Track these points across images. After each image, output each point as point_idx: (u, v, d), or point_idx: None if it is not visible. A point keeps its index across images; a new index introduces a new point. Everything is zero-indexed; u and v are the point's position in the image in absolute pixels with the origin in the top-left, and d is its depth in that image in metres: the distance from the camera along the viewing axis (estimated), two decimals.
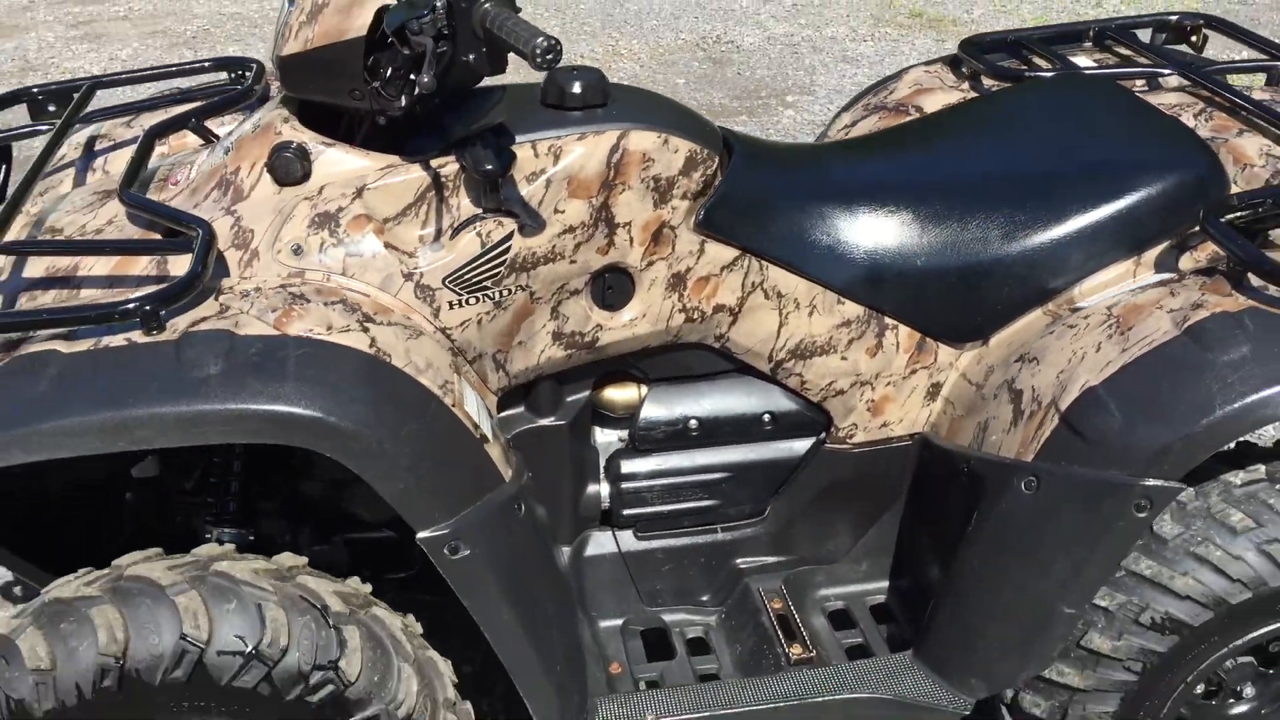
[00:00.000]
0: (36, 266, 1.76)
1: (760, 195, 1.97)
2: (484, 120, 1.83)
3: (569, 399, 2.02)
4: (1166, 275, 1.90)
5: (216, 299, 1.64)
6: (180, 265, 1.66)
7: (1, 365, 1.56)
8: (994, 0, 6.86)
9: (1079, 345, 1.83)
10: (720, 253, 1.93)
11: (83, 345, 1.56)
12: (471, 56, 1.67)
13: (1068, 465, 1.76)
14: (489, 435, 1.73)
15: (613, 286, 1.91)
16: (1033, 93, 2.24)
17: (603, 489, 2.10)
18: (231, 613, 1.61)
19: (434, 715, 1.74)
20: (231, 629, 1.61)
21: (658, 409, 2.06)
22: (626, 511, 2.10)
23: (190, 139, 2.10)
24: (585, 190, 1.82)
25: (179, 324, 1.58)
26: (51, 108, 2.25)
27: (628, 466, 2.09)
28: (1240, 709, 2.05)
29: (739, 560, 2.17)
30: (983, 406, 1.94)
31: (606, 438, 2.11)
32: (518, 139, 1.81)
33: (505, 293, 1.83)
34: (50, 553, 2.04)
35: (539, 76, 1.83)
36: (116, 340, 1.56)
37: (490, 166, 1.74)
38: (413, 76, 1.66)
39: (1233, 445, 1.93)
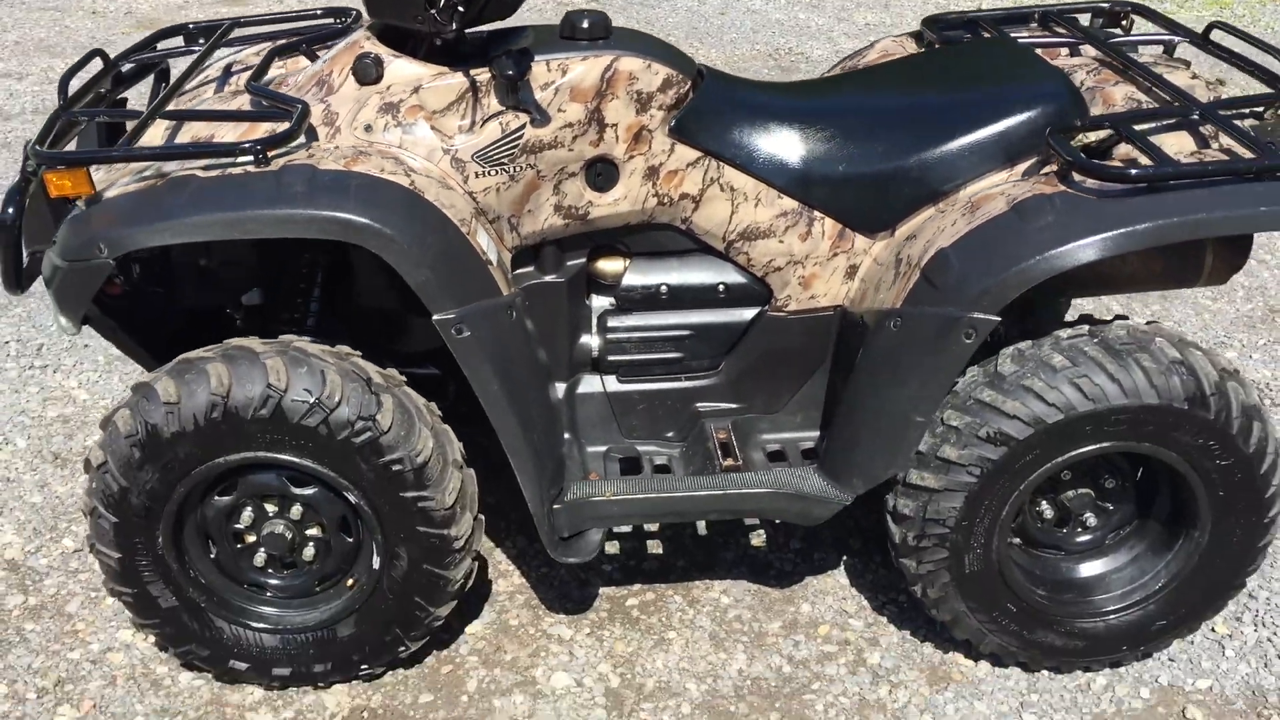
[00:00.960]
0: (185, 134, 2.46)
1: (721, 112, 2.58)
2: (513, 44, 2.49)
3: (568, 263, 2.65)
4: (1023, 177, 2.47)
5: (307, 150, 2.32)
6: None
7: (163, 183, 2.25)
8: None
9: (944, 223, 2.41)
10: (686, 153, 2.54)
11: (213, 172, 2.25)
12: None
13: (921, 307, 2.34)
14: (493, 262, 2.38)
15: (602, 173, 2.53)
16: (948, 50, 2.84)
17: (594, 340, 2.72)
18: (303, 374, 2.28)
19: (444, 469, 2.38)
20: (302, 384, 2.27)
21: (637, 277, 2.68)
22: (611, 359, 2.72)
23: (303, 62, 2.79)
24: (583, 96, 2.46)
25: (279, 161, 2.26)
26: (201, 41, 2.97)
27: (613, 322, 2.70)
28: (1086, 537, 2.59)
29: (698, 404, 2.76)
30: (881, 277, 2.52)
31: (598, 299, 2.73)
32: (536, 57, 2.46)
33: (518, 169, 2.47)
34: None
35: None
36: (236, 170, 2.24)
37: (511, 72, 2.39)
38: (459, 7, 2.32)
39: (1074, 315, 2.49)
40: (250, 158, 2.24)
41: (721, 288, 2.68)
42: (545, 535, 2.48)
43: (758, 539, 3.01)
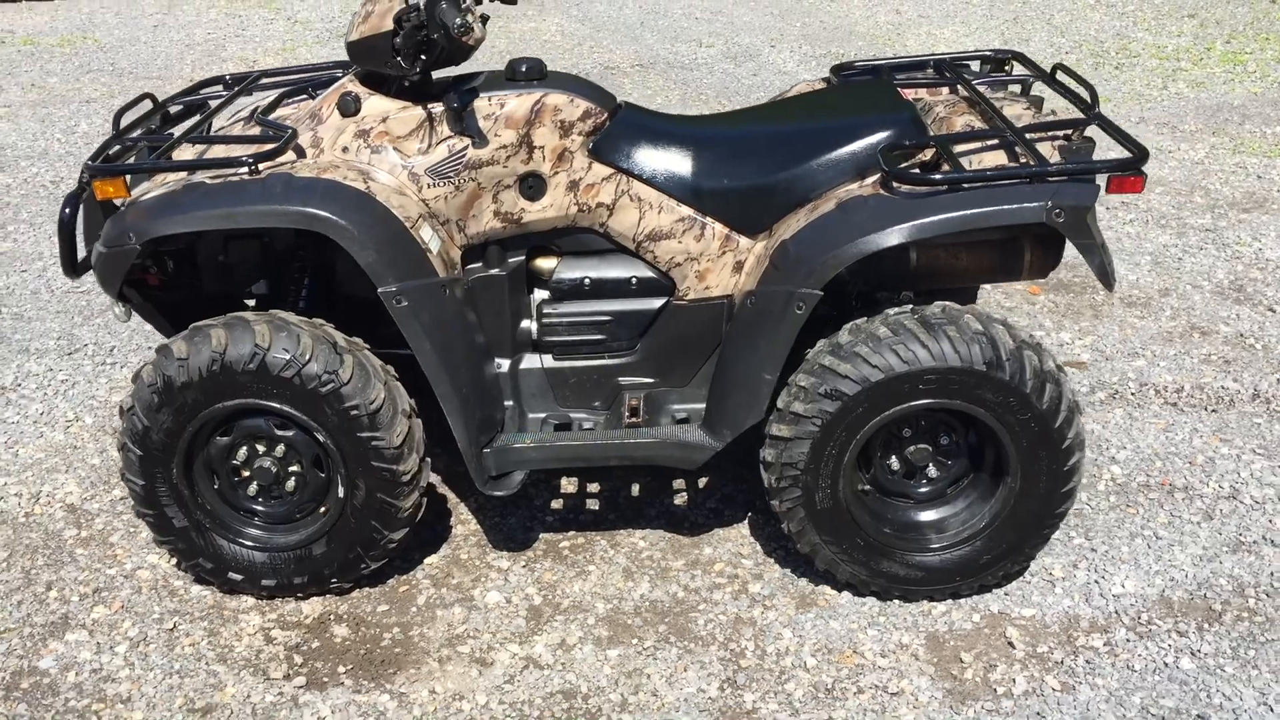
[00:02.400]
0: (209, 154, 3.15)
1: (632, 137, 3.20)
2: (465, 85, 3.14)
3: (510, 260, 3.27)
4: (867, 188, 3.04)
5: (291, 164, 2.98)
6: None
7: (180, 188, 2.93)
8: None
9: (793, 222, 2.99)
10: (601, 170, 3.16)
11: (218, 180, 2.93)
12: (437, 36, 2.97)
13: (768, 286, 2.93)
14: (433, 251, 3.01)
15: (533, 186, 3.16)
16: (830, 89, 3.44)
17: (533, 324, 3.33)
18: (283, 337, 2.93)
19: (394, 416, 3.00)
20: (281, 344, 2.93)
21: (566, 272, 3.29)
22: (547, 340, 3.33)
23: (309, 102, 3.48)
24: (515, 124, 3.10)
25: (267, 171, 2.93)
26: (234, 87, 3.68)
27: (547, 310, 3.31)
28: (927, 488, 3.12)
29: (620, 379, 3.36)
30: (753, 269, 3.10)
31: (537, 291, 3.35)
32: (480, 94, 3.11)
33: (462, 181, 3.11)
34: None
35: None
36: (234, 178, 2.92)
37: (456, 105, 3.05)
38: (421, 55, 2.98)
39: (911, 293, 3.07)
40: (245, 169, 2.92)
41: (634, 281, 3.28)
42: (473, 471, 3.08)
43: (680, 499, 3.58)
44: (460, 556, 3.37)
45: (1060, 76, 3.37)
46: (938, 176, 2.83)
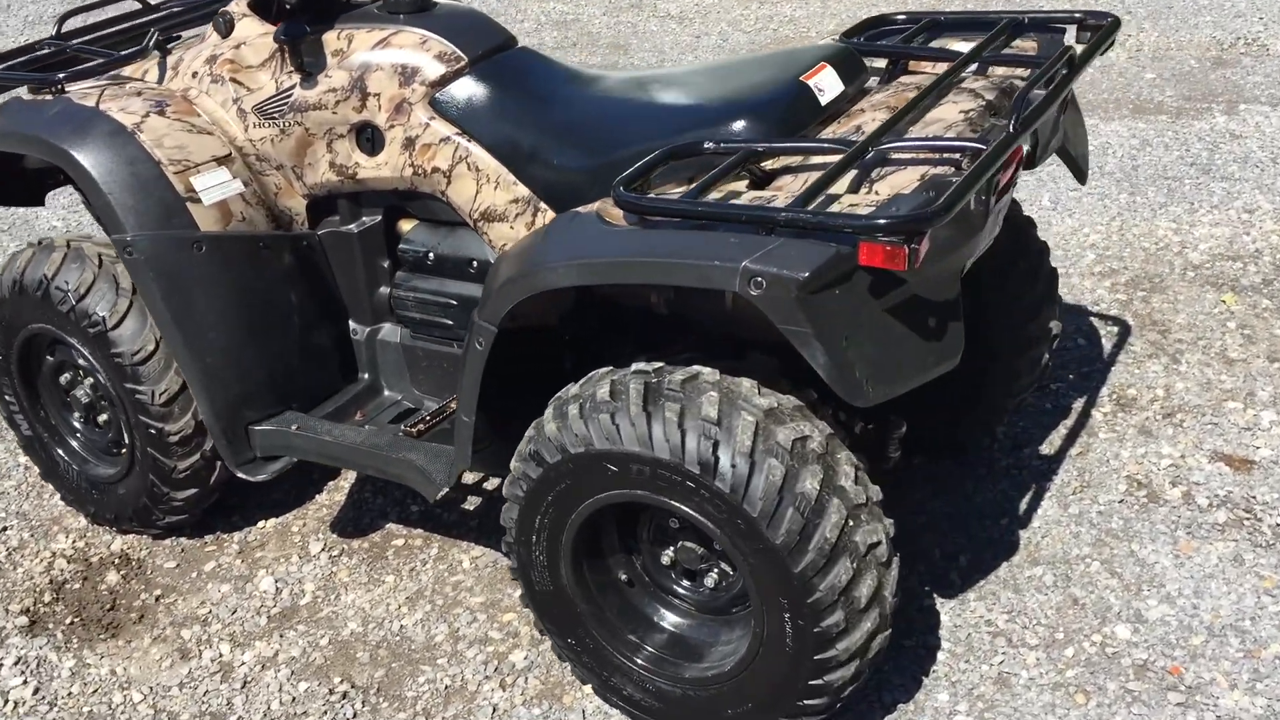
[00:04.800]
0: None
1: (486, 94, 2.61)
2: (338, 14, 2.72)
3: (364, 217, 2.84)
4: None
5: (100, 89, 2.76)
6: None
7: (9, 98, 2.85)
8: None
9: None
10: (441, 129, 2.64)
11: (33, 97, 2.79)
12: None
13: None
14: (203, 201, 2.68)
15: (371, 138, 2.71)
16: (735, 59, 2.60)
17: (387, 292, 2.91)
18: (72, 269, 2.79)
19: (163, 370, 2.76)
20: (65, 276, 2.78)
21: (414, 241, 2.80)
22: (400, 313, 2.89)
23: None
24: (350, 65, 2.66)
25: (73, 92, 2.75)
26: None
27: (399, 279, 2.87)
28: (700, 598, 2.37)
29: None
30: None
31: (393, 256, 2.91)
32: (335, 25, 2.70)
33: (287, 124, 2.74)
34: None
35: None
36: (41, 97, 2.77)
37: (284, 36, 2.67)
38: None
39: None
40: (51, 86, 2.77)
41: (474, 264, 2.74)
42: (221, 448, 2.77)
43: None
44: (293, 528, 3.09)
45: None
46: (656, 203, 2.04)
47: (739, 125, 2.30)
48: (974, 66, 2.47)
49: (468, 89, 2.60)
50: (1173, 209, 4.40)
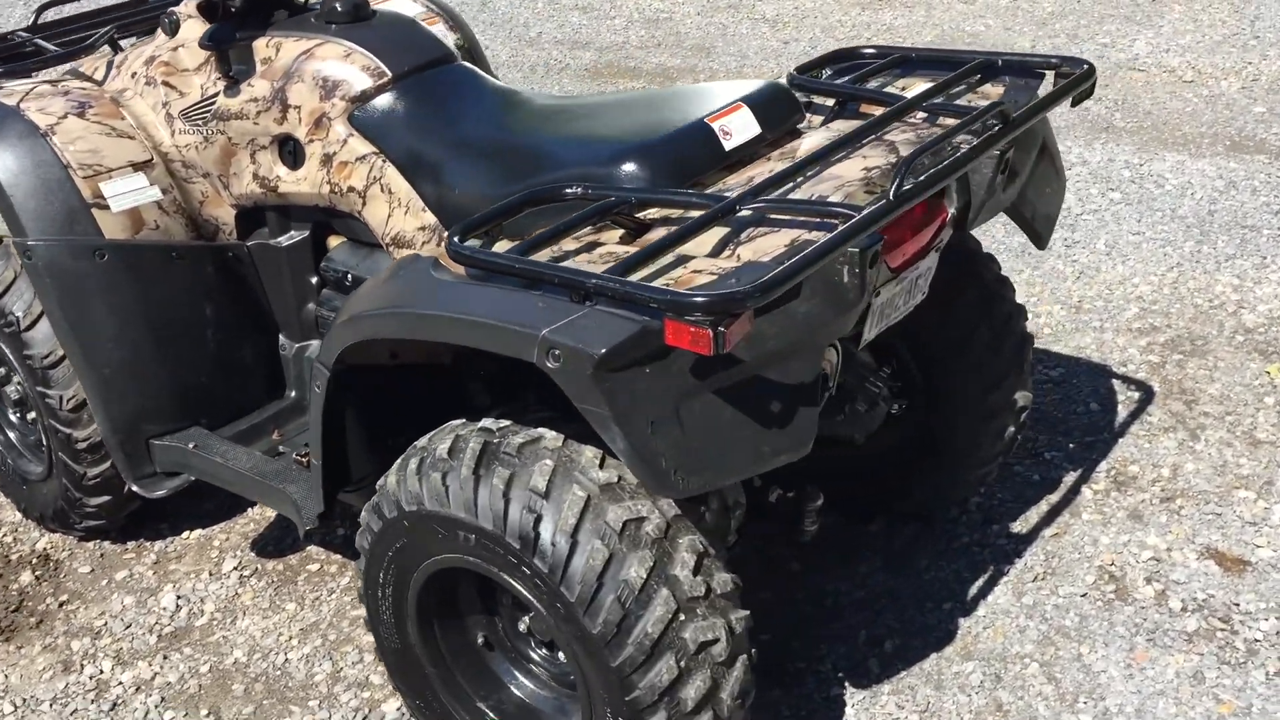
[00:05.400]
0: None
1: (407, 113, 2.47)
2: (275, 21, 2.62)
3: (292, 231, 2.73)
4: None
5: (28, 89, 2.70)
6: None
7: None
8: None
9: None
10: (359, 146, 2.51)
11: None
12: None
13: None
14: (111, 207, 2.59)
15: (294, 152, 2.60)
16: (644, 92, 2.38)
17: (314, 310, 2.79)
18: None
19: (71, 376, 2.69)
20: None
21: (337, 260, 2.68)
22: (324, 332, 2.77)
23: None
24: (272, 75, 2.55)
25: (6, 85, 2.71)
26: None
27: (324, 298, 2.75)
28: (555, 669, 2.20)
29: None
30: None
31: (320, 273, 2.79)
32: (267, 32, 2.60)
33: (210, 132, 2.64)
34: None
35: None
36: None
37: (210, 41, 2.58)
38: None
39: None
40: None
41: None
42: (118, 461, 2.69)
43: None
44: (215, 541, 3.00)
45: None
46: (479, 255, 1.86)
47: (626, 168, 2.09)
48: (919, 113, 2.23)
49: (387, 106, 2.47)
50: (1240, 262, 4.01)
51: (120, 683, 2.60)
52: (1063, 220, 4.29)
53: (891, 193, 1.81)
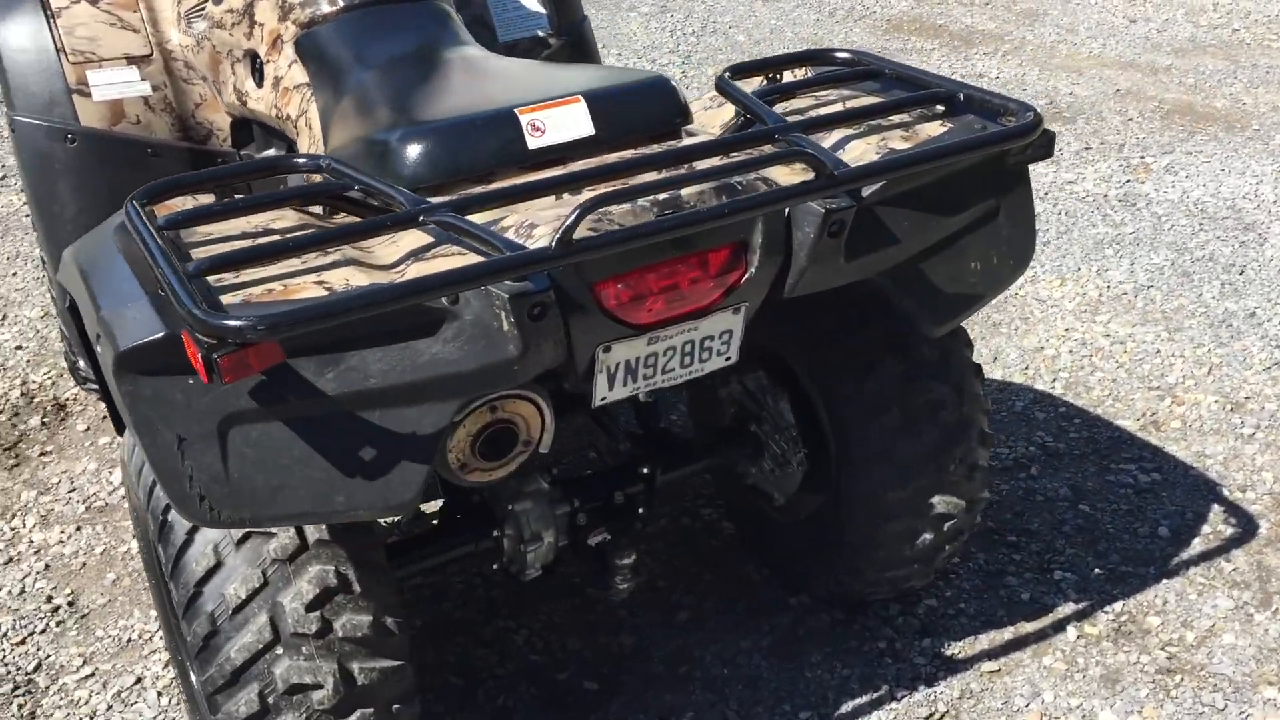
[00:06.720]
0: None
1: (337, 47, 2.37)
2: None
3: (272, 149, 2.71)
4: None
5: None
6: None
7: None
8: None
9: None
10: (299, 74, 2.44)
11: None
12: None
13: None
14: (92, 96, 2.65)
15: (260, 69, 2.57)
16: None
17: None
18: None
19: None
20: None
21: None
22: None
23: None
24: None
25: None
26: None
27: None
28: None
29: None
30: None
31: None
32: None
33: (201, 37, 2.66)
34: None
35: None
36: None
37: None
38: None
39: None
40: None
41: None
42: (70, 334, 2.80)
43: None
44: None
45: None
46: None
47: (392, 148, 1.87)
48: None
49: (327, 36, 2.36)
50: None
51: (31, 541, 2.76)
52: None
53: (554, 243, 1.50)
